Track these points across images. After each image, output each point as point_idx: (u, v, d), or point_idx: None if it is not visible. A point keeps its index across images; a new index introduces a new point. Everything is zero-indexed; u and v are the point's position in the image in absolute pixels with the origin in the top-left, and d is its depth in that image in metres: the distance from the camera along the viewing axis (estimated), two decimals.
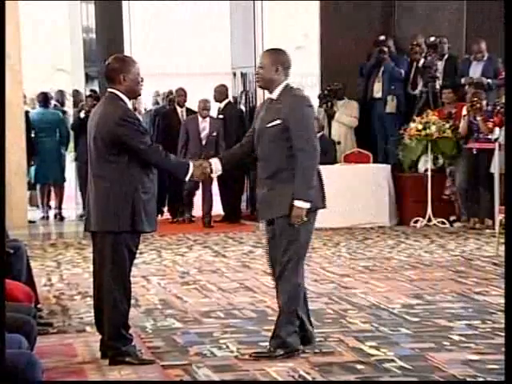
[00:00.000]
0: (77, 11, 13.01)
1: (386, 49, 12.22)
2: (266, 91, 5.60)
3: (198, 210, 12.40)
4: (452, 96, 11.37)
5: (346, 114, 12.27)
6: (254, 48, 11.98)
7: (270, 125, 5.27)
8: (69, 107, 13.82)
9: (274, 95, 5.34)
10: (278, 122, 5.24)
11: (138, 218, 5.23)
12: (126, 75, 5.26)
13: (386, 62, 12.11)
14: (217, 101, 12.13)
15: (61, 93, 13.20)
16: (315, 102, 13.37)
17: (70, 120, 13.12)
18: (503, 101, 9.75)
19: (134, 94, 5.41)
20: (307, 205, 5.20)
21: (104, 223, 5.26)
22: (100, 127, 5.23)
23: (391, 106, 12.09)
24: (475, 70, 11.61)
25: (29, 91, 13.47)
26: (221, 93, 12.07)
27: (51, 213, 12.71)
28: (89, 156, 5.36)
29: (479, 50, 11.58)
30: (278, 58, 5.34)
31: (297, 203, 5.19)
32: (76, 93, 13.23)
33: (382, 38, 12.40)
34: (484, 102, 10.68)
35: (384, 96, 12.12)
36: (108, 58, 5.43)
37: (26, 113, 12.04)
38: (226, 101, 12.12)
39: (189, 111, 12.25)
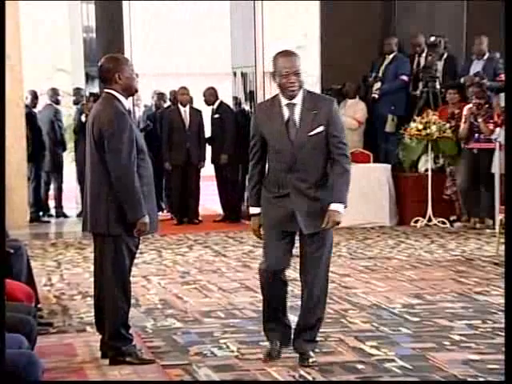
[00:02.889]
0: (77, 11, 13.01)
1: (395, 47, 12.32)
2: (260, 91, 5.50)
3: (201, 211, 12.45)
4: (457, 96, 11.35)
5: (347, 114, 12.26)
6: (254, 48, 11.98)
7: (312, 133, 5.04)
8: (69, 106, 13.81)
9: (298, 100, 5.06)
10: (321, 128, 5.04)
11: (127, 222, 5.20)
12: (120, 74, 5.26)
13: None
14: (208, 104, 12.31)
15: (53, 91, 13.11)
16: None
17: (63, 119, 13.13)
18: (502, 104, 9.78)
19: (131, 91, 5.40)
20: (344, 209, 5.09)
21: (97, 225, 5.27)
22: (94, 127, 5.25)
23: (391, 126, 12.07)
24: (475, 69, 11.61)
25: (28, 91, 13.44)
26: (211, 95, 12.30)
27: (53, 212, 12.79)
28: (87, 156, 5.37)
29: (480, 42, 11.61)
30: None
31: (337, 206, 5.04)
32: (77, 91, 13.20)
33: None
34: (485, 102, 10.68)
35: (385, 113, 12.11)
36: None
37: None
38: (218, 102, 12.31)
39: (193, 110, 12.26)
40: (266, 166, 5.25)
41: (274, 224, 5.15)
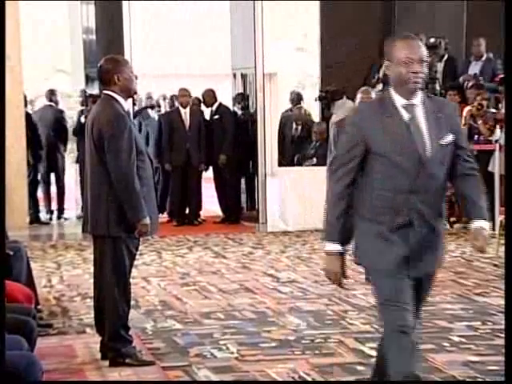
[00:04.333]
0: (77, 11, 13.03)
1: None
2: (265, 94, 5.36)
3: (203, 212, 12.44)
4: (457, 98, 11.33)
5: (338, 114, 12.23)
6: (254, 48, 11.98)
7: (443, 142, 3.90)
8: (69, 107, 13.80)
9: (417, 100, 3.91)
10: (451, 137, 3.91)
11: (127, 223, 5.21)
12: (119, 75, 5.27)
13: None
14: (207, 105, 12.36)
15: (51, 92, 13.09)
16: (314, 104, 13.39)
17: (68, 120, 13.13)
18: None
19: (130, 93, 5.41)
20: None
21: (97, 226, 5.28)
22: (93, 129, 5.26)
23: None
24: (474, 70, 11.62)
25: (28, 92, 13.43)
26: (210, 97, 12.31)
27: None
28: (86, 158, 5.38)
29: (478, 44, 11.62)
30: None
31: (485, 224, 3.96)
32: (84, 93, 13.18)
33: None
34: (486, 103, 10.68)
35: None
36: None
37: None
38: (217, 103, 12.31)
39: (194, 111, 12.25)
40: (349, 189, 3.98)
41: (393, 269, 4.00)
